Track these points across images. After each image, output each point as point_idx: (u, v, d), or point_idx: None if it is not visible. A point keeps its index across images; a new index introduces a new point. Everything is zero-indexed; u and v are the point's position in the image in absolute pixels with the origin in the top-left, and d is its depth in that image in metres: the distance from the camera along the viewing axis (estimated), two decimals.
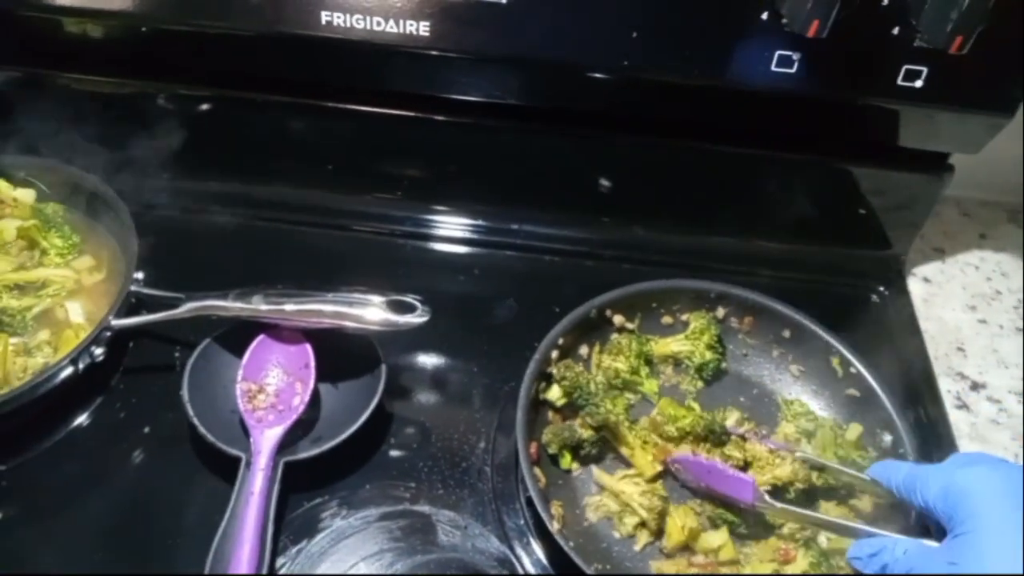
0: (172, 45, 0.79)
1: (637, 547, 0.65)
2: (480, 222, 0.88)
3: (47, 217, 0.79)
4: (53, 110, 0.84)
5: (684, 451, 0.68)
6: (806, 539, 0.64)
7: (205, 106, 0.84)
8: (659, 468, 0.68)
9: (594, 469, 0.67)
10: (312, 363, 0.71)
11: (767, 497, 0.63)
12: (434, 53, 0.72)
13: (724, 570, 0.63)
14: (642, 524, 0.66)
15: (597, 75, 0.72)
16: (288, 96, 0.82)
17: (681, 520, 0.64)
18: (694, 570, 0.63)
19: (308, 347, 0.71)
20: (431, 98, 0.80)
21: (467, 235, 0.88)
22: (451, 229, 0.88)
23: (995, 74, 0.68)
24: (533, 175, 0.86)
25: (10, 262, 0.76)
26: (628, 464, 0.69)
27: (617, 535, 0.66)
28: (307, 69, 0.78)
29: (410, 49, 0.71)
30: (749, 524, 0.65)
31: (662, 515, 0.65)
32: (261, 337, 0.71)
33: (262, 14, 0.71)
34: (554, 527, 0.61)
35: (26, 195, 0.80)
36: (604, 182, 0.83)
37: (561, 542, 0.60)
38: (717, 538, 0.64)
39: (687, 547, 0.65)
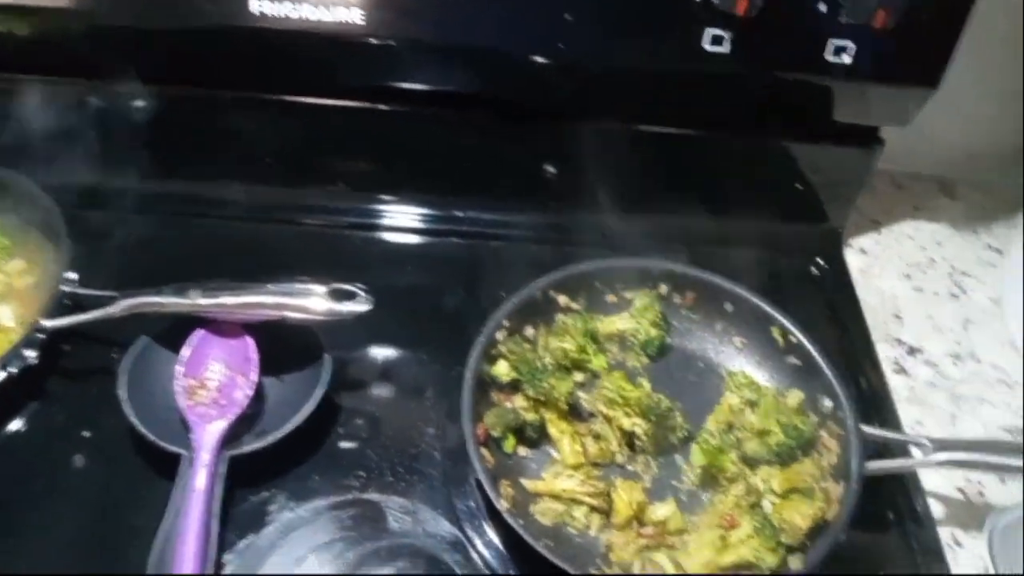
0: (104, 42, 0.77)
1: (592, 531, 0.65)
2: (426, 211, 0.88)
3: None
4: None
5: None
6: (750, 504, 0.65)
7: (139, 103, 0.82)
8: (582, 459, 0.68)
9: (524, 483, 0.67)
10: (254, 356, 0.70)
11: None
12: (370, 42, 0.71)
13: (672, 539, 0.64)
14: (592, 510, 0.66)
15: (532, 61, 0.72)
16: (225, 89, 0.81)
17: (627, 495, 0.65)
18: (643, 541, 0.64)
19: (249, 340, 0.70)
20: (371, 88, 0.80)
21: (413, 224, 0.88)
22: (397, 219, 0.88)
23: (919, 47, 0.70)
24: (477, 162, 0.86)
25: None
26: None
27: (574, 531, 0.65)
28: (242, 62, 0.76)
29: (345, 38, 0.71)
30: (694, 493, 0.66)
31: (609, 494, 0.66)
32: (200, 332, 0.70)
33: (192, 7, 0.70)
34: (502, 505, 0.61)
35: None
36: (548, 168, 0.83)
37: (510, 520, 0.60)
38: (664, 509, 0.65)
39: (636, 519, 0.65)
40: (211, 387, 0.69)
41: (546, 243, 0.87)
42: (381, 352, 0.78)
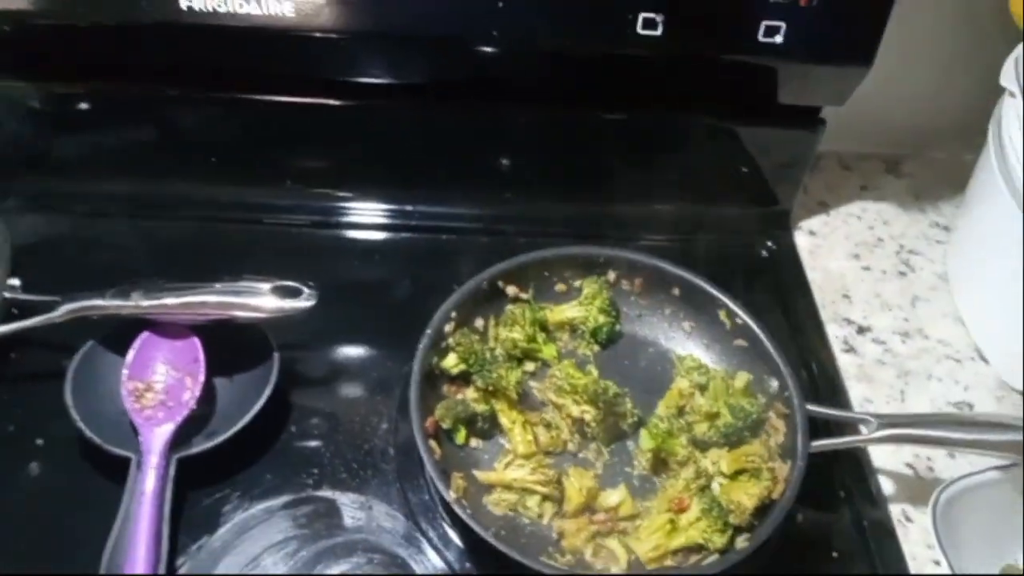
0: (38, 40, 0.76)
1: (545, 520, 0.66)
2: (374, 205, 0.88)
3: None
4: None
5: None
6: (700, 487, 0.65)
7: (79, 104, 0.81)
8: (533, 448, 0.68)
9: (477, 474, 0.67)
10: (201, 357, 0.69)
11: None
12: (303, 35, 0.71)
13: (623, 525, 0.65)
14: (544, 498, 0.66)
15: (468, 47, 0.72)
16: (164, 86, 0.80)
17: (578, 482, 0.65)
18: (594, 527, 0.64)
19: (196, 341, 0.70)
20: (314, 82, 0.79)
21: (362, 220, 0.88)
22: (345, 215, 0.88)
23: (849, 24, 0.70)
24: (425, 155, 0.86)
25: None
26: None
27: (527, 520, 0.66)
28: (177, 57, 0.76)
29: (276, 30, 0.70)
30: (646, 478, 0.67)
31: (560, 482, 0.66)
32: (145, 334, 0.70)
33: (123, 3, 0.69)
34: (451, 496, 0.61)
35: None
36: (494, 158, 0.83)
37: (458, 510, 0.60)
38: (615, 496, 0.66)
39: (587, 507, 0.66)
40: (158, 389, 0.68)
41: (498, 234, 0.87)
42: (332, 349, 0.78)
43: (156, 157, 0.85)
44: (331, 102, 0.81)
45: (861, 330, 0.83)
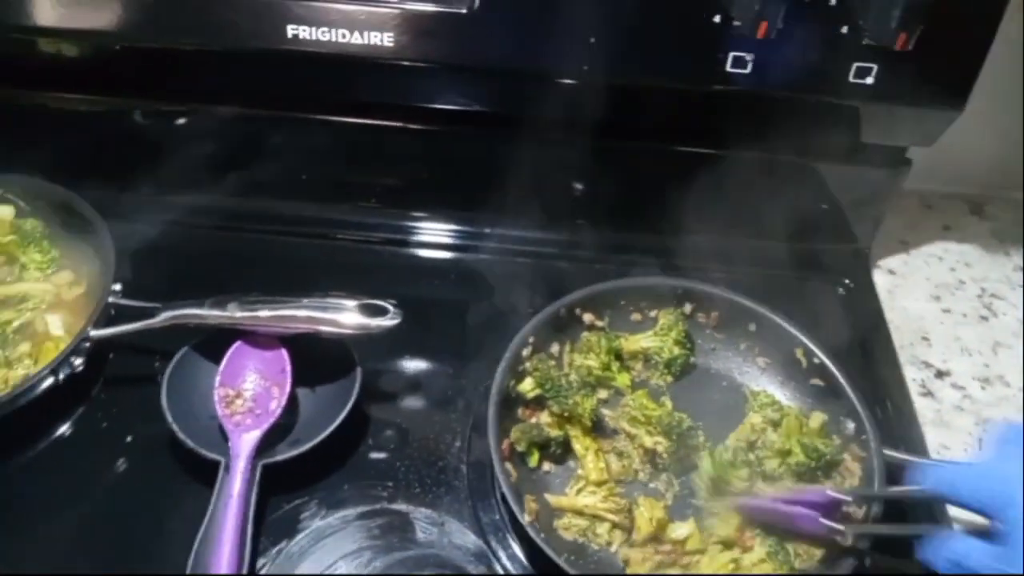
0: (147, 62, 0.81)
1: (613, 547, 0.66)
2: (454, 227, 0.90)
3: (26, 233, 0.80)
4: (29, 127, 0.87)
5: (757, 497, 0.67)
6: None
7: (180, 121, 0.86)
8: (605, 476, 0.69)
9: (549, 498, 0.68)
10: (288, 368, 0.72)
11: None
12: (399, 63, 0.73)
13: (687, 559, 0.65)
14: (614, 526, 0.67)
15: (557, 81, 0.74)
16: (261, 109, 0.84)
17: (649, 512, 0.66)
18: (659, 558, 0.64)
19: (284, 352, 0.73)
20: (402, 107, 0.82)
21: (442, 240, 0.90)
22: (426, 235, 0.90)
23: (943, 68, 0.70)
24: (504, 180, 0.87)
25: None
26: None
27: (595, 547, 0.66)
28: (277, 82, 0.80)
29: (375, 60, 0.73)
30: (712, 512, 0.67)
31: (630, 511, 0.67)
32: (238, 343, 0.73)
33: (232, 31, 0.73)
34: (525, 519, 0.62)
35: (4, 212, 0.81)
36: (575, 185, 0.85)
37: (532, 533, 0.61)
38: (684, 528, 0.66)
39: (656, 537, 0.66)
40: (247, 397, 0.71)
41: (573, 260, 0.89)
42: (409, 365, 0.80)
43: (249, 173, 0.89)
44: (416, 126, 0.84)
45: (940, 374, 0.82)
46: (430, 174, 0.88)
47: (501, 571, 0.66)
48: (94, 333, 0.71)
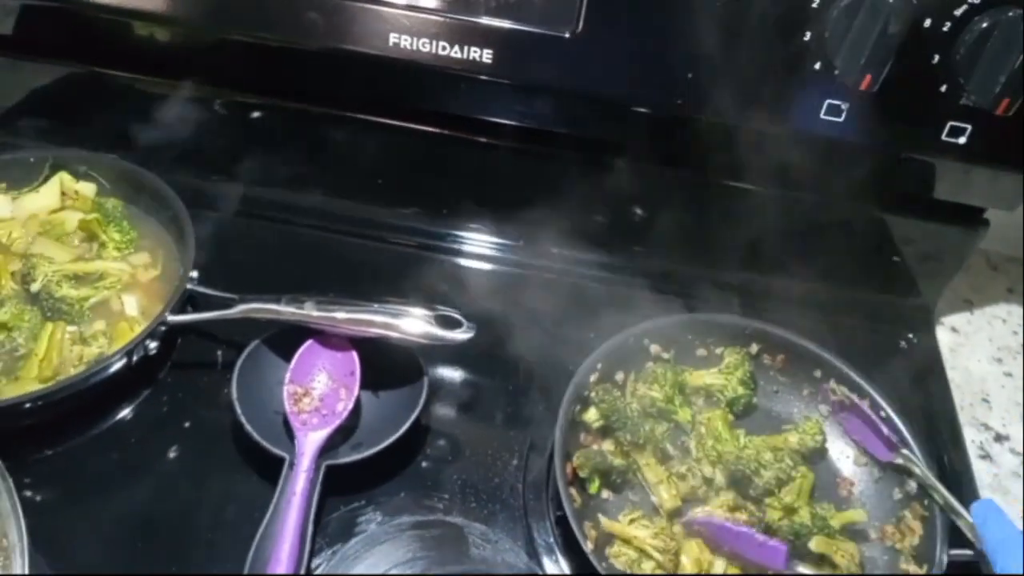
0: (239, 55, 0.82)
1: None
2: (520, 243, 0.91)
3: (107, 211, 0.81)
4: (118, 109, 0.88)
5: (708, 514, 0.68)
6: None
7: (268, 116, 0.87)
8: (679, 503, 0.69)
9: (602, 519, 0.68)
10: (358, 371, 0.73)
11: (800, 568, 0.64)
12: (495, 80, 0.74)
13: None
14: (659, 566, 0.66)
15: (649, 111, 0.75)
16: (348, 111, 0.85)
17: (695, 554, 0.65)
18: None
19: (355, 355, 0.73)
20: (482, 120, 0.83)
21: (507, 255, 0.91)
22: (492, 249, 0.91)
23: None
24: (575, 202, 0.88)
25: (69, 252, 0.79)
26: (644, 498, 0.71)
27: None
28: (370, 86, 0.81)
29: (472, 74, 0.74)
30: None
31: (677, 554, 0.66)
32: (310, 342, 0.73)
33: (338, 34, 0.74)
34: (588, 547, 0.62)
35: (87, 189, 0.83)
36: (650, 214, 0.85)
37: (594, 561, 0.61)
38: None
39: None
40: (315, 396, 0.72)
41: (637, 287, 0.88)
42: (468, 377, 0.80)
43: (324, 174, 0.90)
44: (501, 143, 0.85)
45: (999, 438, 0.81)
46: (503, 190, 0.89)
47: None
48: (172, 319, 0.72)
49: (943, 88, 0.68)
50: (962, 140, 0.71)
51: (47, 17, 0.84)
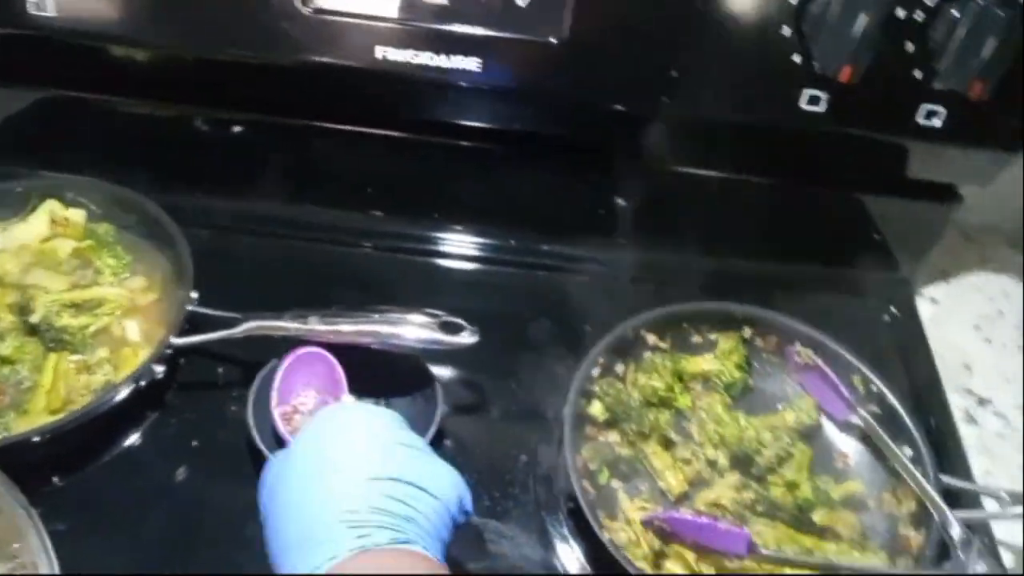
0: (223, 72, 0.82)
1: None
2: (513, 243, 0.92)
3: (99, 237, 0.81)
4: (102, 133, 0.88)
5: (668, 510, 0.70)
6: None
7: (253, 131, 0.87)
8: (686, 487, 0.72)
9: (620, 492, 0.71)
10: (340, 375, 0.72)
11: (761, 549, 0.65)
12: (483, 88, 0.75)
13: None
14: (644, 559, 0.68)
15: (636, 112, 0.76)
16: (332, 123, 0.85)
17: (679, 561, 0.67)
18: None
19: (332, 360, 0.72)
20: (469, 126, 0.84)
21: (500, 256, 0.92)
22: (485, 251, 0.92)
23: (1007, 115, 0.73)
24: (563, 200, 0.90)
25: (65, 281, 0.78)
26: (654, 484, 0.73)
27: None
28: (357, 98, 0.81)
29: (459, 83, 0.75)
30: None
31: (663, 554, 0.68)
32: (289, 360, 0.72)
33: (319, 48, 0.74)
34: (605, 537, 0.64)
35: (77, 215, 0.82)
36: (637, 208, 0.87)
37: (612, 550, 0.63)
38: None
39: None
40: (305, 412, 0.71)
41: (628, 281, 0.91)
42: (471, 378, 0.81)
43: (308, 187, 0.90)
44: (483, 146, 0.86)
45: (982, 402, 0.85)
46: (492, 192, 0.90)
47: None
48: (177, 341, 0.72)
49: (918, 75, 0.71)
50: (937, 123, 0.73)
51: (18, 43, 0.83)
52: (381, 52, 0.73)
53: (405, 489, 0.54)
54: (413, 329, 0.72)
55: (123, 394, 0.70)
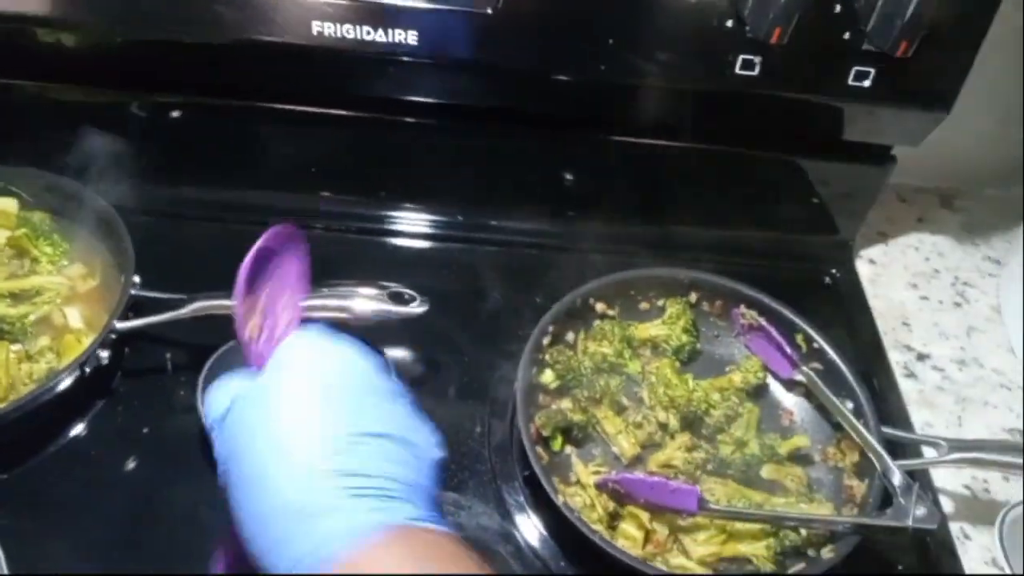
0: (159, 54, 0.81)
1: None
2: (460, 219, 0.92)
3: (34, 226, 0.79)
4: (35, 120, 0.86)
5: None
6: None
7: (191, 115, 0.86)
8: (639, 450, 0.73)
9: (574, 458, 0.72)
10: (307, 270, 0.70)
11: (712, 504, 0.66)
12: (420, 61, 0.75)
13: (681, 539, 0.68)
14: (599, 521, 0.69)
15: (575, 80, 0.77)
16: (271, 102, 0.84)
17: (631, 527, 0.68)
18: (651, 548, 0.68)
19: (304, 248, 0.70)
20: (410, 101, 0.84)
21: (448, 232, 0.92)
22: (433, 227, 0.92)
23: (935, 73, 0.75)
24: (508, 173, 0.90)
25: (1, 271, 0.77)
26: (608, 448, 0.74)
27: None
28: (294, 75, 0.80)
29: (396, 57, 0.75)
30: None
31: (618, 515, 0.69)
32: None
33: (255, 25, 0.73)
34: (560, 500, 0.65)
35: (9, 204, 0.80)
36: (581, 179, 0.88)
37: (567, 513, 0.64)
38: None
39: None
40: (274, 321, 0.67)
41: (575, 251, 0.91)
42: (422, 353, 0.82)
43: (254, 167, 0.89)
44: (428, 121, 0.85)
45: (920, 357, 0.88)
46: (436, 167, 0.90)
47: (527, 550, 0.69)
48: (120, 325, 0.71)
49: (846, 35, 0.73)
50: (867, 84, 0.75)
51: None
52: (317, 27, 0.73)
53: (398, 448, 0.48)
54: (363, 302, 0.72)
55: (67, 381, 0.69)
